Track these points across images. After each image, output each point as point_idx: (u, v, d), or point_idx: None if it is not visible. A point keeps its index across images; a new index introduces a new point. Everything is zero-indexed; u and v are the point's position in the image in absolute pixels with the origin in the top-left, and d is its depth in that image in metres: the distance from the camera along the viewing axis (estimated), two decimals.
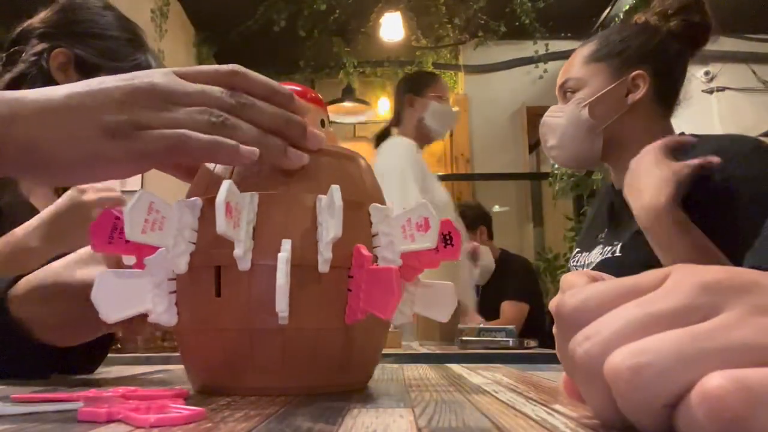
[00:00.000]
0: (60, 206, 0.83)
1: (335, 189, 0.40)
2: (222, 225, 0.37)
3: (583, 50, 1.11)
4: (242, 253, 0.39)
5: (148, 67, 0.93)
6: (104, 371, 0.68)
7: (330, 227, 0.40)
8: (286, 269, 0.38)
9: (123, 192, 0.89)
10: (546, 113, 1.12)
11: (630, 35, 1.08)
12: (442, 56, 4.43)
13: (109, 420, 0.29)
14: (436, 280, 0.49)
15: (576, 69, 1.09)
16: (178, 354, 0.47)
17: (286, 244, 0.39)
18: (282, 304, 0.37)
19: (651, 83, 1.04)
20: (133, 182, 4.21)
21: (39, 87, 0.43)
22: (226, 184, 0.38)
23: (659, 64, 1.05)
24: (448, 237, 0.45)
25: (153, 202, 0.40)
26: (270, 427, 0.28)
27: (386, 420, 0.30)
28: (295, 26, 3.87)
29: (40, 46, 0.89)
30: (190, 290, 0.42)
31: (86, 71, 0.89)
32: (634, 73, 1.04)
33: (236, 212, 0.39)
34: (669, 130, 1.06)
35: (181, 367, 0.47)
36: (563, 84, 1.10)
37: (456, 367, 0.68)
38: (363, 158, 0.49)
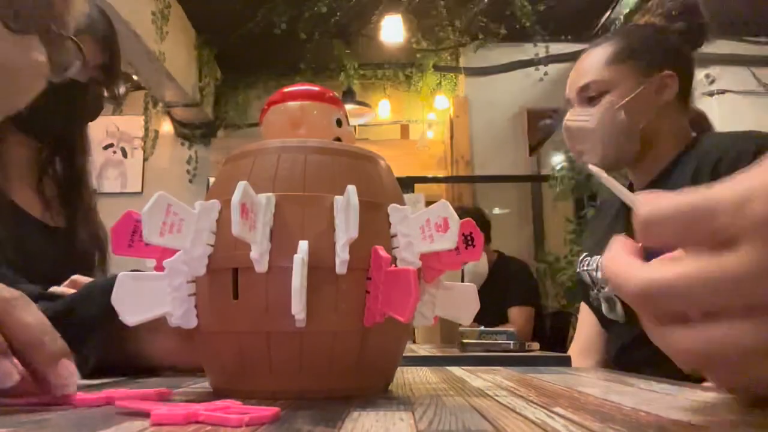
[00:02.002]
0: None
1: (351, 189, 0.40)
2: (237, 226, 0.36)
3: (600, 52, 1.08)
4: (259, 255, 0.38)
5: None
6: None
7: (346, 228, 0.39)
8: (302, 271, 0.37)
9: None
10: (567, 117, 1.08)
11: (649, 36, 1.07)
12: (442, 59, 4.43)
13: (188, 422, 0.29)
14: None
15: (597, 71, 1.06)
16: None
17: (303, 246, 0.38)
18: (298, 307, 0.37)
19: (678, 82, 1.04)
20: (133, 185, 4.21)
21: None
22: (241, 186, 0.37)
23: (681, 63, 1.06)
24: (469, 237, 0.44)
25: (170, 204, 0.39)
26: (270, 430, 0.28)
27: (386, 423, 0.30)
28: (296, 28, 3.87)
29: None
30: (209, 292, 0.41)
31: None
32: (664, 73, 1.04)
33: (252, 214, 0.38)
34: (688, 128, 1.07)
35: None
36: (584, 87, 1.06)
37: (456, 370, 0.67)
38: (382, 159, 0.48)
